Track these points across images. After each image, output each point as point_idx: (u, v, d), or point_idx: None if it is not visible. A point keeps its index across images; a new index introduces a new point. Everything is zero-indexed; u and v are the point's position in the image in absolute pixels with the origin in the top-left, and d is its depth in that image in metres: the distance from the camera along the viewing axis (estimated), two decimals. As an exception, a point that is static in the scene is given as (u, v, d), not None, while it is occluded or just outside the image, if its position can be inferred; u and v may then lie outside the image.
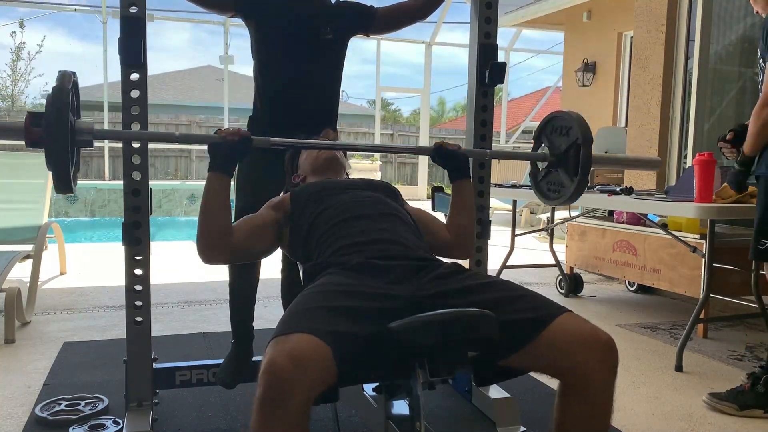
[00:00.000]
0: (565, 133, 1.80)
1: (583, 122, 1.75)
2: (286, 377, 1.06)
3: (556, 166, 1.83)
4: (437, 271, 1.40)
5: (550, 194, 1.91)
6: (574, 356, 1.22)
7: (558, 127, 1.82)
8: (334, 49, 2.21)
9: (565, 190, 1.82)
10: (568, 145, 1.77)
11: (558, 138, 1.83)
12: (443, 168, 1.79)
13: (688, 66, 4.12)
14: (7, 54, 22.67)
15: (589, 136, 1.73)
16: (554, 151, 1.83)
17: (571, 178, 1.77)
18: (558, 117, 1.83)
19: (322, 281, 1.36)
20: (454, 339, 1.19)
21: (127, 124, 1.83)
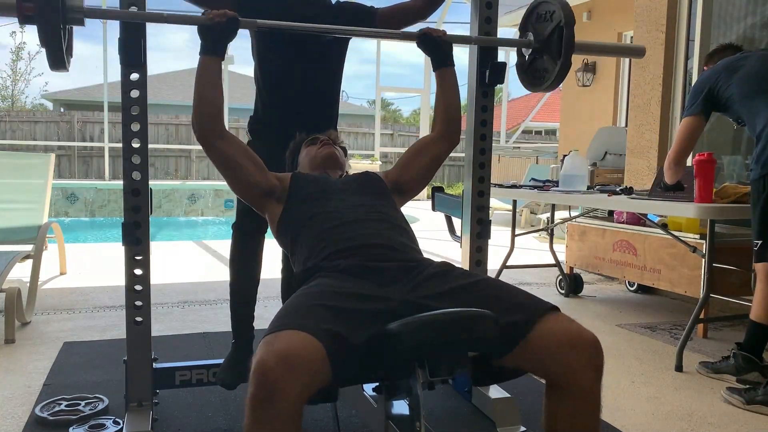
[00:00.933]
0: (548, 18, 1.84)
1: (567, 6, 1.79)
2: (275, 378, 1.06)
3: (540, 53, 1.87)
4: (427, 271, 1.40)
5: (536, 81, 1.95)
6: (560, 357, 1.23)
7: (542, 14, 1.88)
8: (335, 49, 2.21)
9: (549, 73, 1.87)
10: (551, 28, 1.80)
11: (542, 24, 1.87)
12: (427, 55, 1.89)
13: (688, 66, 4.11)
14: (7, 54, 22.66)
15: (572, 18, 1.78)
16: (538, 37, 1.88)
17: (555, 61, 1.80)
18: (543, 3, 1.87)
19: (315, 282, 1.37)
20: (454, 339, 1.19)
21: (128, 124, 1.83)
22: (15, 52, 20.33)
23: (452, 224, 2.84)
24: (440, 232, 1.91)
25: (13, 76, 20.66)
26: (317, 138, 1.91)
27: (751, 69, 2.47)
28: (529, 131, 19.46)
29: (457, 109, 1.87)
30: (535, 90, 2.01)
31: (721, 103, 2.54)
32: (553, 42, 1.83)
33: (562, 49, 1.77)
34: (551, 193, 3.54)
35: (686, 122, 2.61)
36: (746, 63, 2.50)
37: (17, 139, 12.86)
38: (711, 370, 2.60)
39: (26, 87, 24.76)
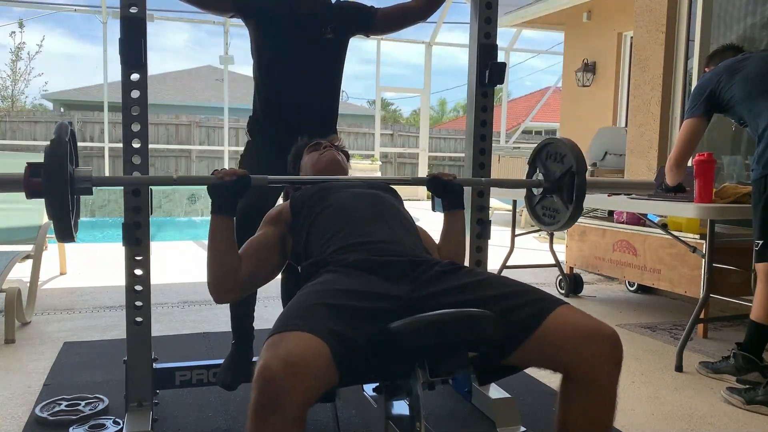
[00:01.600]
0: (559, 160, 1.83)
1: (577, 150, 1.77)
2: (280, 384, 1.05)
3: (550, 192, 1.85)
4: (434, 269, 1.40)
5: (545, 219, 1.94)
6: (578, 351, 1.22)
7: (552, 154, 1.85)
8: (335, 49, 2.21)
9: (561, 216, 1.85)
10: (562, 172, 1.80)
11: (552, 164, 1.86)
12: (437, 197, 1.80)
13: (688, 66, 4.11)
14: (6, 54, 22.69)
15: (583, 164, 1.76)
16: (549, 177, 1.86)
17: (566, 205, 1.80)
18: (552, 144, 1.86)
19: (320, 280, 1.36)
20: (455, 339, 1.19)
21: (128, 125, 1.83)
22: (14, 52, 20.33)
23: (452, 224, 2.83)
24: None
25: (12, 76, 20.67)
26: (320, 143, 1.91)
27: (753, 70, 2.47)
28: (529, 131, 19.47)
29: (462, 252, 1.80)
30: (544, 228, 1.99)
31: (723, 104, 2.55)
32: (563, 186, 1.80)
33: (574, 195, 1.76)
34: (551, 193, 3.53)
35: (688, 124, 2.62)
36: (747, 64, 2.50)
37: (17, 139, 12.86)
38: (711, 370, 2.60)
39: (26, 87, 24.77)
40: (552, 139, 1.87)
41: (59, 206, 1.44)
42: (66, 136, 1.47)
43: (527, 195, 1.98)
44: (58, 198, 1.43)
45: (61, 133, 1.47)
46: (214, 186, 1.57)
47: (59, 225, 1.47)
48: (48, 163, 1.43)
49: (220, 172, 1.59)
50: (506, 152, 10.37)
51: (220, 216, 1.57)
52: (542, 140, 1.92)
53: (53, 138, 1.46)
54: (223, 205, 1.57)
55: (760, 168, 2.38)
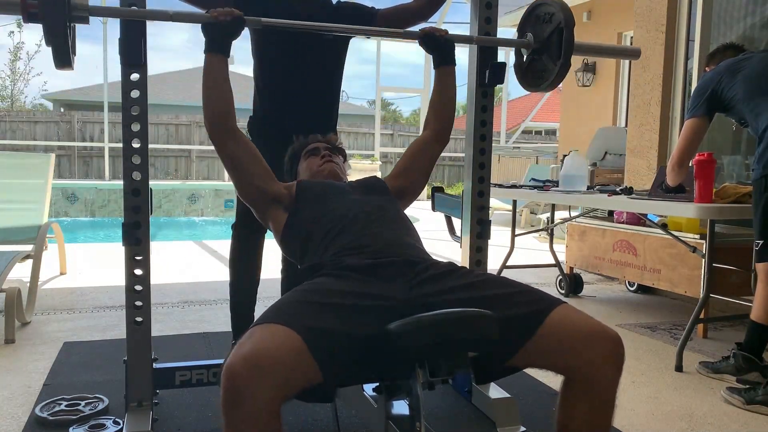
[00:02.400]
0: (548, 20, 1.85)
1: (566, 8, 1.81)
2: (241, 382, 1.07)
3: (539, 53, 1.87)
4: (431, 271, 1.40)
5: (534, 80, 1.95)
6: (581, 353, 1.22)
7: (542, 15, 1.88)
8: (335, 49, 2.21)
9: (548, 74, 1.87)
10: (551, 30, 1.81)
11: (541, 26, 1.87)
12: (429, 53, 1.90)
13: (688, 66, 4.11)
14: (5, 54, 22.67)
15: (572, 19, 1.79)
16: (538, 38, 1.88)
17: (554, 62, 1.80)
18: (542, 5, 1.87)
19: (316, 280, 1.36)
20: (455, 339, 1.19)
21: (128, 125, 1.83)
22: (13, 52, 20.33)
23: (452, 224, 2.84)
24: (440, 232, 1.92)
25: (12, 76, 20.67)
26: (318, 148, 1.91)
27: (754, 69, 2.47)
28: (529, 131, 19.47)
29: (452, 108, 1.89)
30: (533, 90, 2.02)
31: (725, 104, 2.55)
32: (552, 43, 1.84)
33: (562, 50, 1.77)
34: (551, 193, 3.54)
35: (689, 124, 2.61)
36: (748, 64, 2.50)
37: (17, 139, 12.86)
38: (711, 370, 2.60)
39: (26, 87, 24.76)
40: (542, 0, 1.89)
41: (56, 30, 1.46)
42: None
43: (516, 62, 2.01)
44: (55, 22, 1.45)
45: None
46: (209, 24, 1.65)
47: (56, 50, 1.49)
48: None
49: (215, 11, 1.67)
50: (506, 152, 10.38)
51: (213, 54, 1.67)
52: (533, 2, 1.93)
53: None
54: (217, 44, 1.67)
55: (761, 168, 2.38)
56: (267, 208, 1.69)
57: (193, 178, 13.35)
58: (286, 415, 1.14)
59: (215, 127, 1.66)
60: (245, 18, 1.68)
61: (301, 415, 2.11)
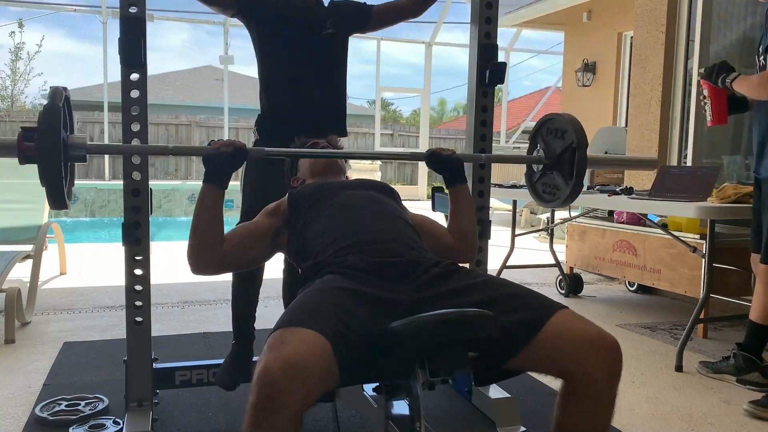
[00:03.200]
0: (560, 136, 1.81)
1: (578, 125, 1.75)
2: (280, 387, 1.05)
3: (551, 169, 1.84)
4: (434, 271, 1.40)
5: (546, 196, 1.92)
6: (580, 358, 1.22)
7: (553, 130, 1.84)
8: (336, 45, 2.23)
9: (561, 192, 1.83)
10: (563, 148, 1.78)
11: (553, 140, 1.84)
12: (438, 174, 1.79)
13: (688, 66, 4.11)
14: (6, 54, 22.70)
15: (584, 139, 1.74)
16: (549, 153, 1.84)
17: (566, 181, 1.79)
18: (553, 119, 1.84)
19: (322, 280, 1.36)
20: (454, 339, 1.19)
21: (127, 125, 1.83)
22: (14, 52, 20.33)
23: (452, 224, 2.83)
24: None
25: (12, 76, 20.67)
26: (317, 143, 1.91)
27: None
28: (529, 131, 19.46)
29: (473, 224, 1.76)
30: (544, 205, 1.97)
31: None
32: (564, 162, 1.79)
33: (575, 171, 1.74)
34: (551, 193, 3.53)
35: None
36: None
37: (17, 139, 12.83)
38: (711, 370, 2.60)
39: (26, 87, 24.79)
40: (553, 115, 1.86)
41: (52, 172, 1.41)
42: (60, 101, 1.44)
43: (527, 172, 1.98)
44: (51, 163, 1.40)
45: (55, 98, 1.44)
46: (210, 156, 1.57)
47: (51, 192, 1.44)
48: (41, 127, 1.39)
49: (217, 142, 1.58)
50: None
51: (210, 185, 1.55)
52: (543, 116, 1.91)
53: (47, 103, 1.43)
54: (214, 175, 1.56)
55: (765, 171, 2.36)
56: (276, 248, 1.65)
57: (193, 178, 13.35)
58: (286, 415, 1.13)
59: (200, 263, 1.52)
60: (248, 149, 1.59)
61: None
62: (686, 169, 3.21)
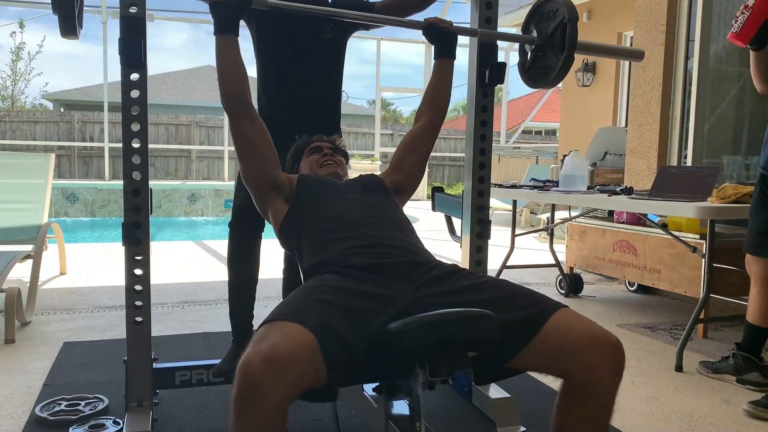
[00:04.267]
0: (551, 17, 1.87)
1: (570, 3, 1.82)
2: (259, 380, 1.06)
3: (543, 49, 1.90)
4: (435, 272, 1.40)
5: (538, 77, 1.98)
6: (581, 357, 1.22)
7: (546, 12, 1.92)
8: (334, 47, 2.23)
9: (552, 69, 1.90)
10: (555, 25, 1.84)
11: (545, 22, 1.89)
12: (432, 43, 1.92)
13: (688, 66, 4.11)
14: (7, 54, 22.70)
15: (575, 14, 1.83)
16: (542, 34, 1.91)
17: (558, 56, 1.82)
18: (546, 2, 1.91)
19: (322, 278, 1.37)
20: (454, 339, 1.19)
21: (128, 124, 1.83)
22: (15, 52, 20.34)
23: (452, 224, 2.84)
24: (440, 232, 1.92)
25: (13, 76, 20.68)
26: (320, 147, 1.91)
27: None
28: (529, 131, 19.47)
29: (447, 99, 1.92)
30: (537, 86, 2.03)
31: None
32: (556, 38, 1.85)
33: (566, 44, 1.79)
34: (551, 193, 3.54)
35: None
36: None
37: (17, 139, 12.86)
38: (711, 370, 2.60)
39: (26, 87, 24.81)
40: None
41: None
42: None
43: (520, 60, 2.04)
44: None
45: None
46: (216, 4, 1.66)
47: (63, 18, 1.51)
48: None
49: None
50: (506, 152, 10.38)
51: (223, 35, 1.67)
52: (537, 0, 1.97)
53: None
54: (225, 24, 1.67)
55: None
56: (268, 194, 1.69)
57: (193, 178, 13.35)
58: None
59: (231, 107, 1.68)
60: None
61: (301, 415, 2.11)
62: (686, 169, 3.21)
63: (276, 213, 1.68)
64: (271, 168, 1.69)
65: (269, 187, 1.69)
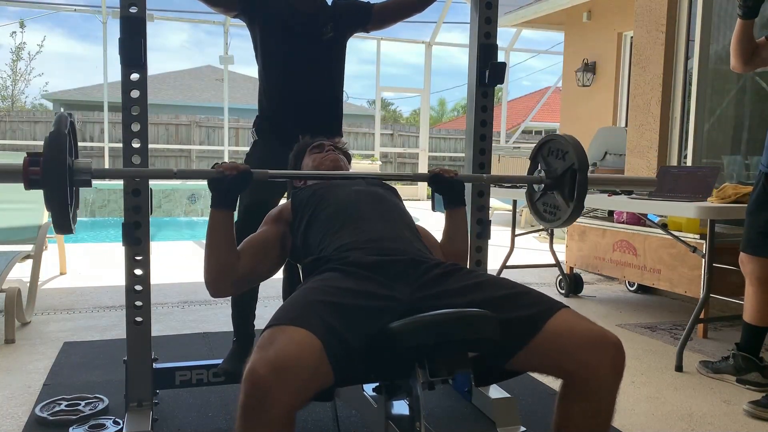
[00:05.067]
0: (561, 157, 1.82)
1: (579, 147, 1.77)
2: (266, 387, 1.05)
3: (552, 189, 1.85)
4: (434, 271, 1.39)
5: (547, 215, 1.93)
6: (581, 358, 1.21)
7: (554, 150, 1.85)
8: (335, 48, 2.23)
9: (562, 213, 1.84)
10: (564, 169, 1.79)
11: (554, 161, 1.85)
12: (438, 194, 1.80)
13: (688, 66, 4.11)
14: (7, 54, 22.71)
15: (585, 162, 1.75)
16: (550, 174, 1.85)
17: (567, 202, 1.79)
18: (554, 140, 1.86)
19: (321, 277, 1.36)
20: (455, 339, 1.19)
21: (128, 124, 1.83)
22: (15, 52, 20.35)
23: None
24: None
25: (13, 76, 20.69)
26: (323, 144, 1.91)
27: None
28: (529, 131, 19.46)
29: (465, 248, 1.81)
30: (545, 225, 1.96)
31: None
32: (565, 182, 1.80)
33: (576, 193, 1.75)
34: (551, 193, 3.53)
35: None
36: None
37: (17, 139, 12.86)
38: (711, 370, 2.60)
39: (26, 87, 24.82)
40: (554, 135, 1.87)
41: (58, 197, 1.42)
42: (65, 127, 1.46)
43: (528, 191, 1.98)
44: (57, 189, 1.42)
45: (61, 124, 1.46)
46: (215, 180, 1.55)
47: (58, 217, 1.45)
48: (47, 153, 1.41)
49: (221, 165, 1.57)
50: (506, 152, 10.38)
51: (220, 210, 1.55)
52: (544, 136, 1.92)
53: (52, 129, 1.45)
54: (223, 200, 1.55)
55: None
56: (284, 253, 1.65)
57: (193, 178, 13.34)
58: (286, 415, 1.13)
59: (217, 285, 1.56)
60: (252, 171, 1.58)
61: (301, 415, 2.11)
62: (686, 169, 3.21)
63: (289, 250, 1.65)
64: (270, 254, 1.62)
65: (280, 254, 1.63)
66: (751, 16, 2.32)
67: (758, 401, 2.24)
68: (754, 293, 2.40)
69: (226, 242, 1.54)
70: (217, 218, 1.55)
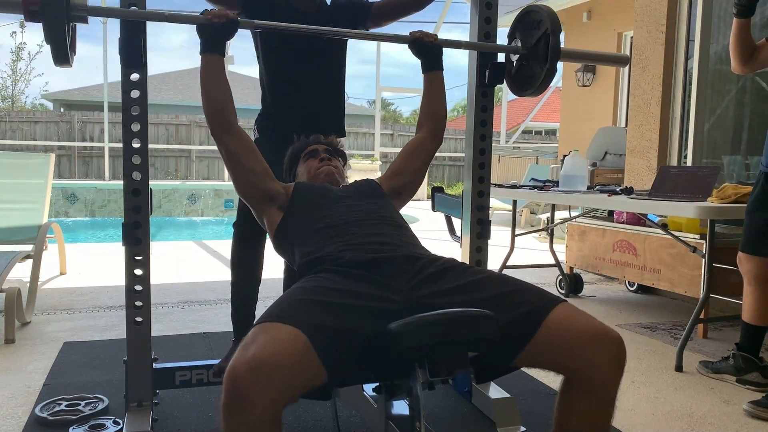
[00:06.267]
0: (536, 27, 1.92)
1: (554, 15, 1.88)
2: (245, 386, 1.05)
3: (527, 59, 1.95)
4: (431, 269, 1.39)
5: (522, 85, 2.04)
6: (582, 353, 1.21)
7: (530, 22, 1.98)
8: (335, 46, 2.23)
9: (535, 78, 1.95)
10: (538, 36, 1.90)
11: (530, 32, 1.95)
12: (418, 58, 1.96)
13: (688, 66, 4.11)
14: (7, 54, 22.70)
15: (558, 26, 1.86)
16: (526, 44, 1.97)
17: (541, 67, 1.87)
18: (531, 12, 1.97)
19: (315, 277, 1.36)
20: (455, 339, 1.19)
21: (128, 124, 1.83)
22: (15, 52, 20.37)
23: (452, 224, 2.84)
24: (440, 232, 1.91)
25: (13, 76, 20.70)
26: (317, 150, 1.91)
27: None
28: (529, 131, 19.46)
29: (444, 108, 1.96)
30: (522, 94, 2.14)
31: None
32: (539, 49, 1.91)
33: (549, 56, 1.86)
34: (551, 193, 3.54)
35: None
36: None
37: (17, 139, 12.86)
38: (711, 370, 2.60)
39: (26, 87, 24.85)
40: (531, 6, 2.00)
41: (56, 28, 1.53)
42: None
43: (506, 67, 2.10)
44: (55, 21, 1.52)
45: None
46: (202, 26, 1.70)
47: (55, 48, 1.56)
48: None
49: (209, 13, 1.71)
50: (506, 152, 10.38)
51: (209, 54, 1.71)
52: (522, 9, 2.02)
53: None
54: (211, 44, 1.70)
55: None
56: (262, 205, 1.70)
57: (193, 178, 13.35)
58: (286, 415, 1.13)
59: (214, 123, 1.71)
60: (239, 20, 1.72)
61: (301, 415, 2.11)
62: (686, 169, 3.21)
63: (270, 221, 1.68)
64: (260, 179, 1.70)
65: (261, 198, 1.70)
66: (746, 14, 2.33)
67: (758, 401, 2.23)
68: (752, 293, 2.41)
69: (218, 83, 1.71)
70: (209, 61, 1.71)
